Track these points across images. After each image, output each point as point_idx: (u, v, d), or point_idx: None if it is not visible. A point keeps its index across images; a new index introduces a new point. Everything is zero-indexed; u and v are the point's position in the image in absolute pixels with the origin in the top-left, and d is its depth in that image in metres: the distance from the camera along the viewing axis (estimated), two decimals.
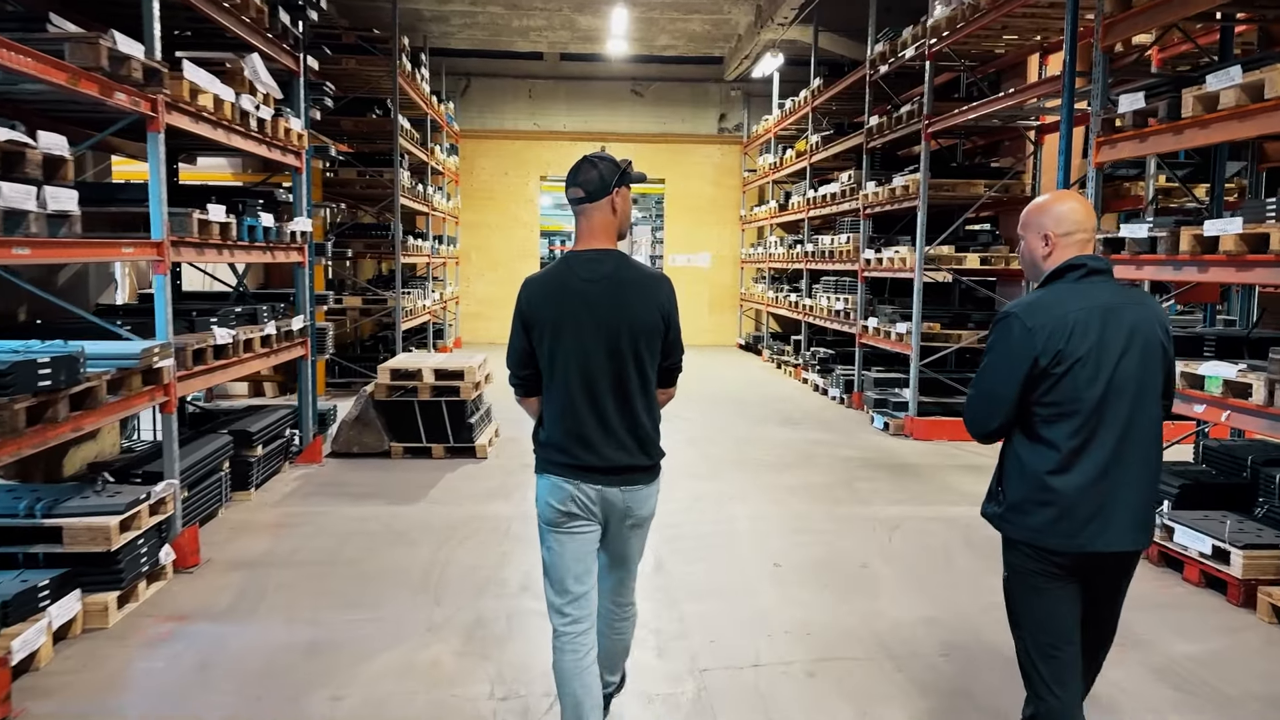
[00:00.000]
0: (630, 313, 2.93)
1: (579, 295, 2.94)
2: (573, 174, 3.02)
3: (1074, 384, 2.56)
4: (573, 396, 2.94)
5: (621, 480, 2.98)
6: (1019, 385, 2.60)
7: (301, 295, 7.92)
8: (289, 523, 6.29)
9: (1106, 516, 2.58)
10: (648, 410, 3.01)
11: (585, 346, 2.93)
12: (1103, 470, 2.58)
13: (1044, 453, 2.60)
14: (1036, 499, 2.61)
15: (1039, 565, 2.65)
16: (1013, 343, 2.61)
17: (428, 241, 14.30)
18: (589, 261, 2.99)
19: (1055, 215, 2.71)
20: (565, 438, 2.97)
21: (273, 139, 6.98)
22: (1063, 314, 2.58)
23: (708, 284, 19.35)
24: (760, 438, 9.48)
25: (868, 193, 10.82)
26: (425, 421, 8.15)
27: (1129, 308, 2.63)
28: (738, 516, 6.54)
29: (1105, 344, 2.57)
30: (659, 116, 18.96)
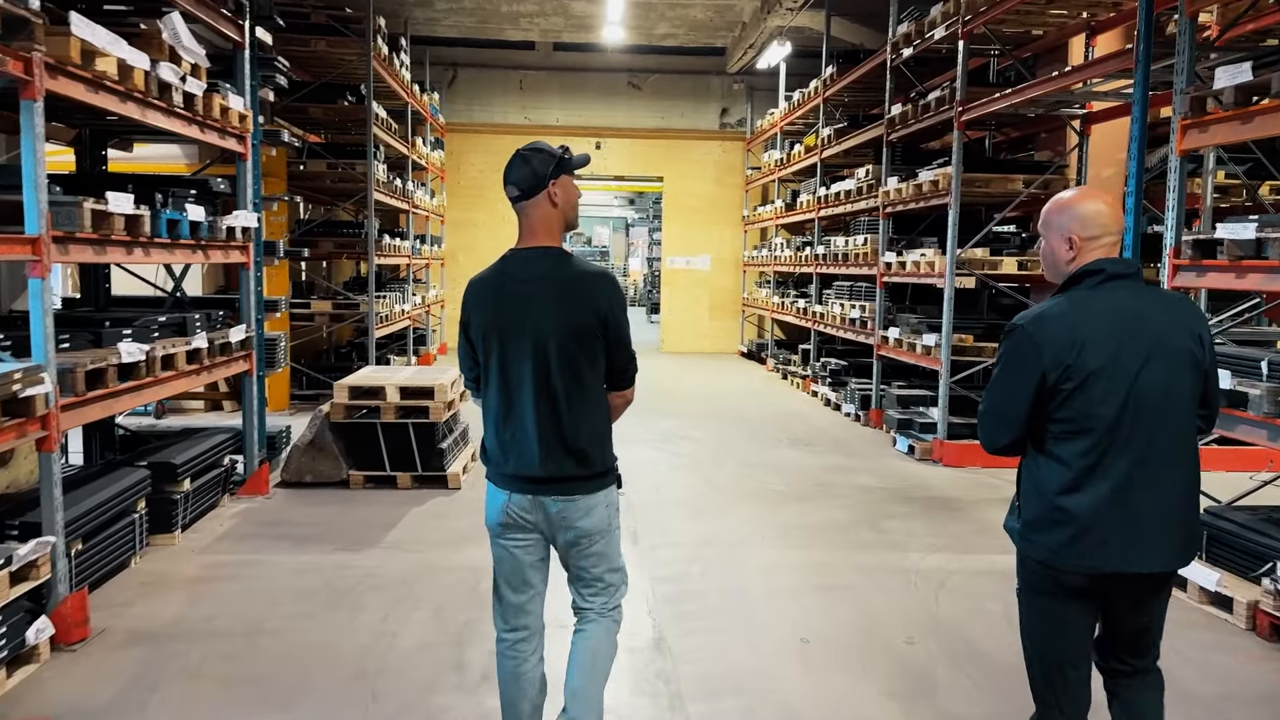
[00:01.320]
0: (564, 314, 2.81)
1: (512, 297, 2.85)
2: (507, 171, 2.89)
3: (1087, 400, 2.44)
4: (506, 402, 2.86)
5: (556, 490, 2.84)
6: (1028, 402, 2.50)
7: (246, 301, 6.87)
8: (213, 576, 5.24)
9: (1128, 536, 2.46)
10: (586, 417, 2.85)
11: (516, 350, 2.83)
12: (1120, 489, 2.45)
13: (1056, 470, 2.50)
14: (1050, 518, 2.50)
15: (1053, 585, 2.56)
16: (1020, 357, 2.51)
17: (408, 241, 13.25)
18: (525, 261, 2.89)
19: (1081, 217, 2.56)
20: (498, 445, 2.90)
21: (206, 119, 5.94)
22: (1073, 325, 2.46)
23: (708, 288, 18.31)
24: (770, 462, 8.44)
25: (889, 189, 9.79)
26: (389, 446, 7.10)
27: (1154, 315, 2.49)
28: (750, 568, 5.50)
29: (1122, 356, 2.44)
30: (657, 110, 17.93)
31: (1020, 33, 8.91)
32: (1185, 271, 5.34)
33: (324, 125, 12.01)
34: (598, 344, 2.87)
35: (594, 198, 36.22)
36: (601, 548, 2.94)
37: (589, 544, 2.91)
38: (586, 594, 3.00)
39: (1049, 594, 2.57)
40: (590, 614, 3.01)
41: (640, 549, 5.82)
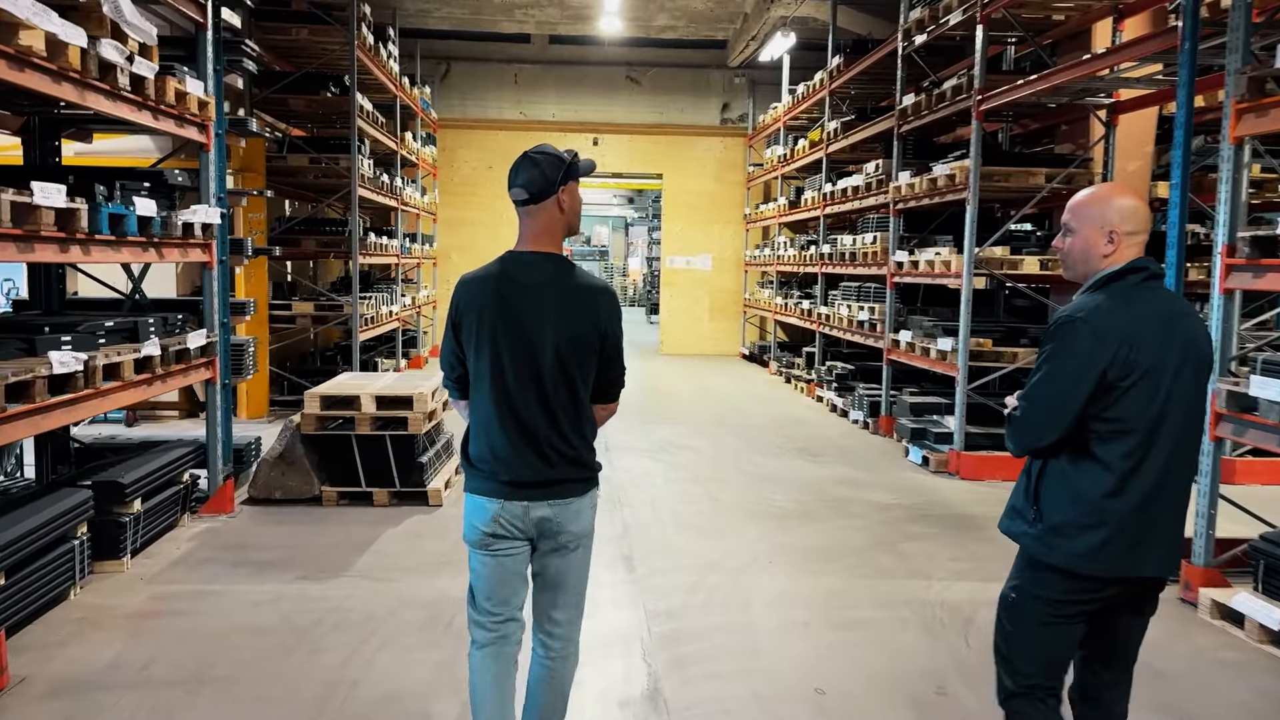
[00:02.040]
0: (564, 324, 2.76)
1: (510, 302, 2.77)
2: (514, 173, 2.80)
3: (1137, 400, 2.39)
4: (497, 408, 2.79)
5: (551, 494, 2.80)
6: (1084, 399, 2.40)
7: (209, 303, 6.34)
8: (159, 610, 4.71)
9: (1153, 540, 2.45)
10: (577, 427, 2.83)
11: (511, 356, 2.76)
12: (1153, 492, 2.43)
13: (1097, 473, 2.43)
14: (1084, 522, 2.44)
15: (1068, 595, 2.50)
16: (1080, 350, 2.40)
17: (396, 239, 12.71)
18: (527, 266, 2.81)
19: (1122, 211, 2.50)
20: (488, 452, 2.81)
21: (159, 104, 5.41)
22: (1131, 322, 2.41)
23: (708, 288, 17.77)
24: (776, 474, 7.90)
25: (900, 185, 9.25)
26: (365, 460, 6.56)
27: (1183, 319, 2.48)
28: (757, 600, 4.96)
29: (1165, 357, 2.42)
30: (656, 106, 17.39)
31: (1040, 18, 8.38)
32: (1239, 272, 4.81)
33: (306, 118, 11.47)
34: (594, 357, 2.83)
35: (593, 196, 35.70)
36: (584, 555, 2.92)
37: (574, 548, 2.87)
38: (557, 618, 2.91)
39: (1061, 604, 2.51)
40: (555, 644, 2.91)
41: (636, 576, 5.28)
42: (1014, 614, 2.61)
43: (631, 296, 34.86)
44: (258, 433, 7.70)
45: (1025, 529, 2.54)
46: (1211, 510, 4.97)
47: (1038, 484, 2.54)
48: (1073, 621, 2.54)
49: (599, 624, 4.55)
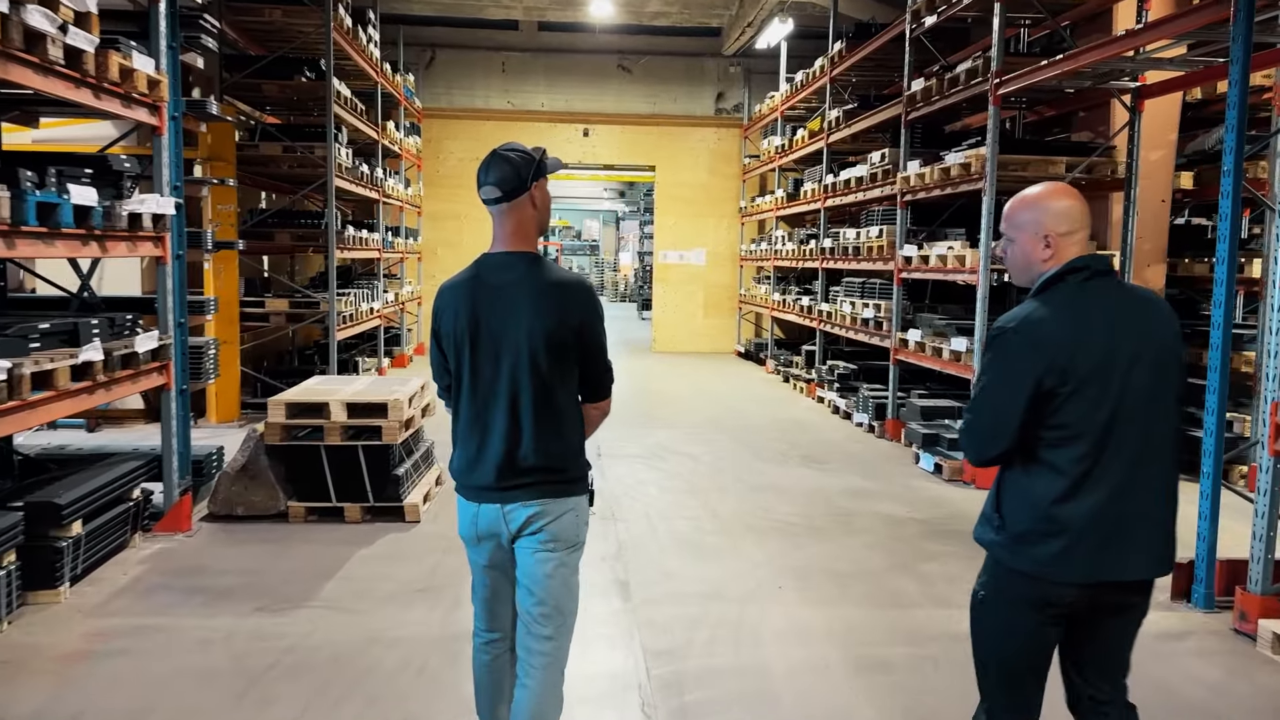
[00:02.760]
0: (539, 322, 2.70)
1: (484, 303, 2.74)
2: (484, 171, 2.75)
3: (1082, 404, 2.31)
4: (473, 412, 2.77)
5: (523, 495, 2.73)
6: (1023, 409, 2.34)
7: (163, 301, 5.79)
8: (95, 650, 4.17)
9: (1122, 543, 2.35)
10: (558, 430, 2.75)
11: (484, 359, 2.73)
12: (1115, 494, 2.34)
13: (1049, 479, 2.36)
14: (1042, 529, 2.36)
15: (1037, 600, 2.41)
16: (1013, 361, 2.37)
17: (378, 233, 12.15)
18: (499, 267, 2.77)
19: (1055, 212, 2.43)
20: (467, 456, 2.79)
21: (100, 80, 4.86)
22: (1066, 326, 2.34)
23: (703, 284, 17.24)
24: (779, 484, 7.40)
25: (909, 175, 8.74)
26: (335, 473, 6.03)
27: (1138, 312, 2.40)
28: (769, 635, 4.45)
29: (1114, 356, 2.33)
30: (649, 95, 16.84)
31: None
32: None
33: (280, 104, 10.91)
34: (573, 354, 2.77)
35: (583, 189, 35.12)
36: (565, 558, 2.79)
37: (551, 552, 2.76)
38: (536, 632, 2.79)
39: (1030, 606, 2.43)
40: (537, 659, 2.78)
41: (632, 606, 4.76)
42: (982, 616, 2.54)
43: (623, 292, 34.33)
44: (228, 437, 7.14)
45: (994, 537, 2.48)
46: (1270, 532, 4.49)
47: (999, 491, 2.50)
48: (1041, 628, 2.45)
49: (590, 665, 4.03)
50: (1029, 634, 2.45)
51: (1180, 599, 4.98)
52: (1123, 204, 7.52)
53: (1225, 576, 4.87)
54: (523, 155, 2.76)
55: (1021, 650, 2.48)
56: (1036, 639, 2.46)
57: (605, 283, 37.22)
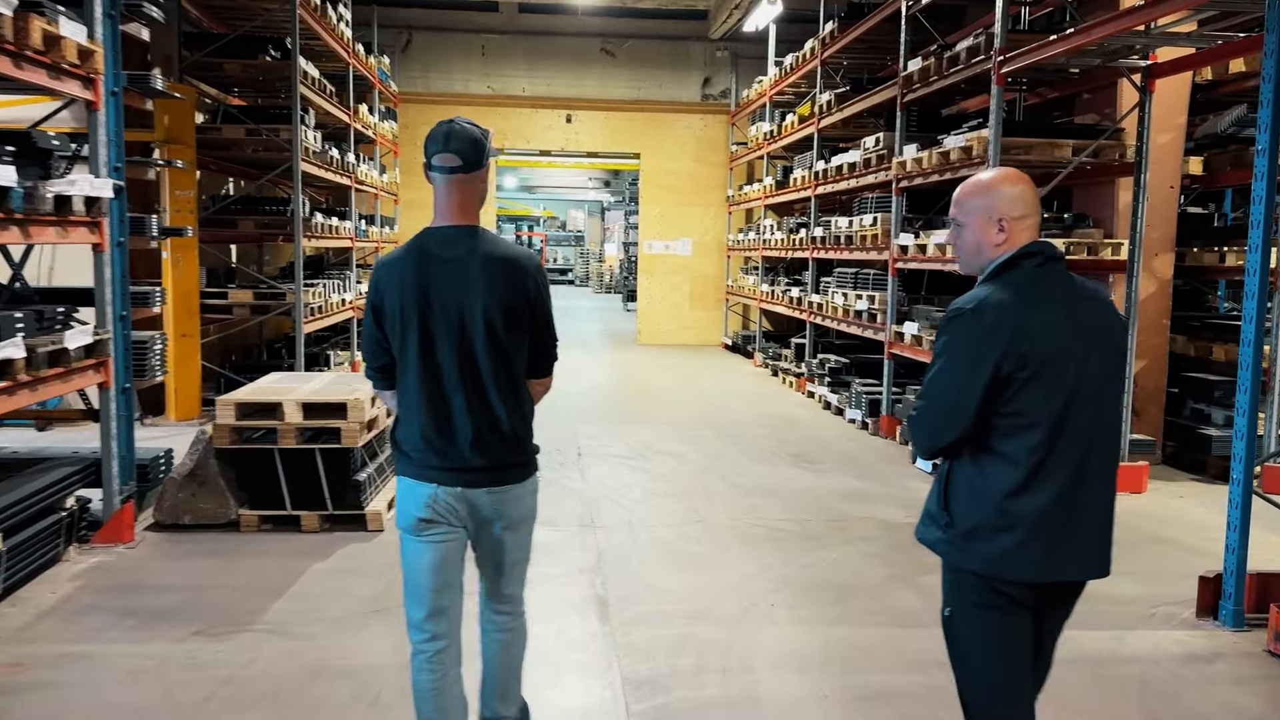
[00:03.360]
0: (489, 296, 2.66)
1: (431, 278, 2.66)
2: (444, 139, 2.68)
3: (1038, 391, 2.25)
4: (426, 390, 2.69)
5: (487, 480, 2.73)
6: (982, 391, 2.25)
7: (100, 293, 5.31)
8: (10, 685, 3.71)
9: (1071, 541, 2.29)
10: (512, 404, 2.74)
11: (437, 334, 2.67)
12: (1066, 489, 2.27)
13: (1002, 470, 2.28)
14: (994, 524, 2.28)
15: (994, 599, 2.32)
16: (971, 344, 2.27)
17: (350, 221, 11.65)
18: (446, 240, 2.70)
19: (1007, 197, 2.38)
20: (420, 436, 2.71)
21: (20, 48, 4.37)
22: (1025, 310, 2.27)
23: (689, 275, 16.80)
24: (769, 485, 6.98)
25: (905, 160, 8.32)
26: (290, 479, 5.57)
27: (1089, 302, 2.36)
28: (760, 660, 4.03)
29: (1069, 344, 2.27)
30: (633, 80, 16.36)
31: None
32: None
33: (244, 85, 10.39)
34: (525, 329, 2.76)
35: (568, 179, 34.70)
36: (523, 536, 2.88)
37: (519, 534, 2.85)
38: (502, 592, 2.92)
39: (992, 609, 2.34)
40: (501, 618, 2.94)
41: (611, 627, 4.33)
42: (954, 634, 2.43)
43: (608, 283, 33.86)
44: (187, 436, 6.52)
45: (940, 535, 2.39)
46: None
47: (946, 487, 2.39)
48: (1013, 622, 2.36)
49: (565, 698, 3.62)
50: (999, 639, 2.36)
51: (1206, 616, 4.59)
52: (1132, 189, 7.12)
53: (1255, 591, 4.48)
54: (480, 130, 2.74)
55: (1002, 652, 2.38)
56: (1008, 642, 2.37)
57: (590, 273, 36.70)
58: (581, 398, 10.86)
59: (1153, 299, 7.76)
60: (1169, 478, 7.50)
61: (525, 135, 16.29)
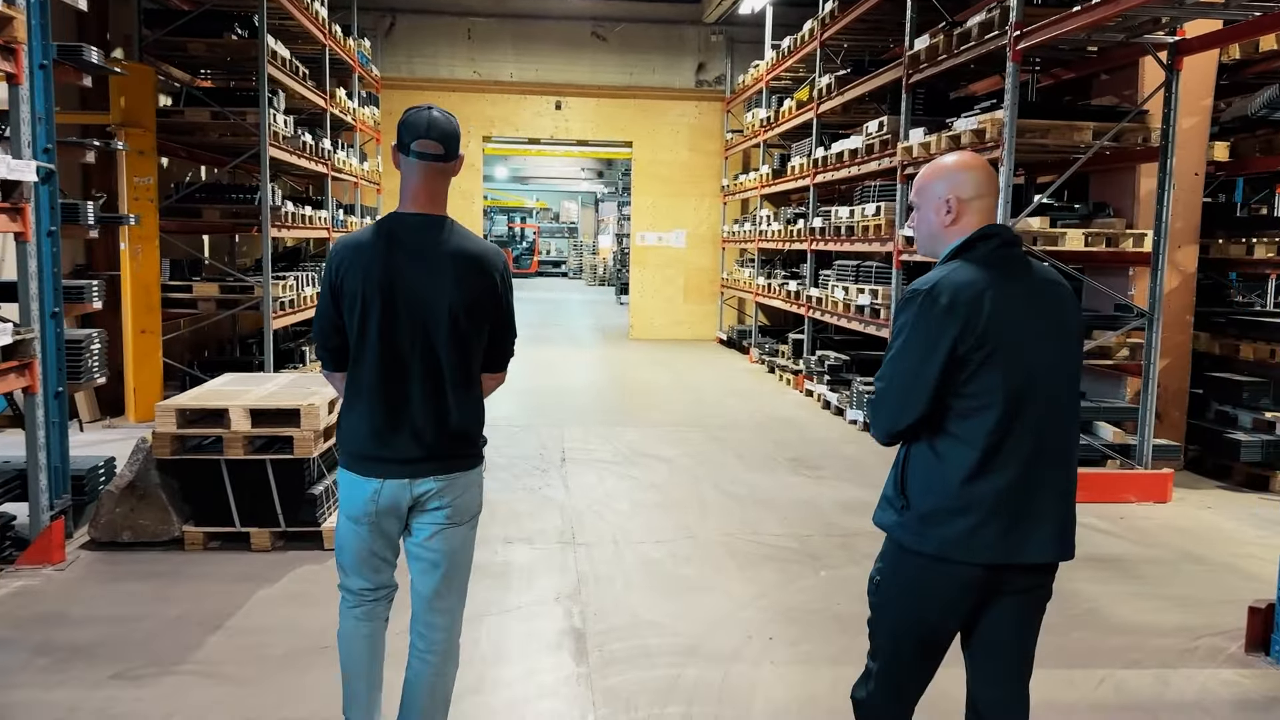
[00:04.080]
0: (456, 290, 2.62)
1: (396, 265, 2.62)
2: (427, 126, 2.65)
3: (995, 372, 2.23)
4: (380, 378, 2.64)
5: (436, 468, 2.67)
6: (939, 372, 2.24)
7: (24, 288, 4.78)
8: None
9: (1029, 523, 2.27)
10: (466, 399, 2.71)
11: (397, 323, 2.62)
12: (1023, 471, 2.26)
13: (959, 453, 2.26)
14: (950, 506, 2.26)
15: (942, 583, 2.30)
16: (929, 324, 2.25)
17: (326, 211, 11.10)
18: (415, 228, 2.67)
19: (958, 177, 2.37)
20: (368, 425, 2.65)
21: None
22: (982, 291, 2.24)
23: (682, 267, 16.27)
24: (767, 495, 6.48)
25: (912, 145, 7.81)
26: (239, 492, 5.04)
27: (1046, 285, 2.36)
28: (758, 711, 3.52)
29: (1026, 326, 2.27)
30: (625, 66, 15.80)
31: None
32: None
33: (212, 66, 9.82)
34: (485, 323, 2.72)
35: (560, 169, 34.11)
36: (466, 532, 2.79)
37: (457, 528, 2.75)
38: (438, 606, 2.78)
39: (931, 592, 2.32)
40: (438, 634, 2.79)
41: (588, 669, 3.82)
42: (882, 599, 2.44)
43: (601, 275, 33.33)
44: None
45: (895, 519, 2.36)
46: None
47: (904, 470, 2.36)
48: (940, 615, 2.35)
49: None
50: (926, 620, 2.36)
51: (1257, 650, 4.10)
52: (1157, 176, 6.62)
53: None
54: (454, 119, 2.73)
55: (917, 636, 2.39)
56: (934, 626, 2.37)
57: (584, 266, 36.14)
58: (569, 397, 10.35)
59: (1176, 294, 7.26)
60: (1192, 485, 7.01)
61: (513, 123, 15.73)
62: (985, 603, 2.34)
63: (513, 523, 5.70)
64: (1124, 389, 7.45)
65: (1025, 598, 2.37)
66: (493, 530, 5.49)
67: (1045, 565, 2.34)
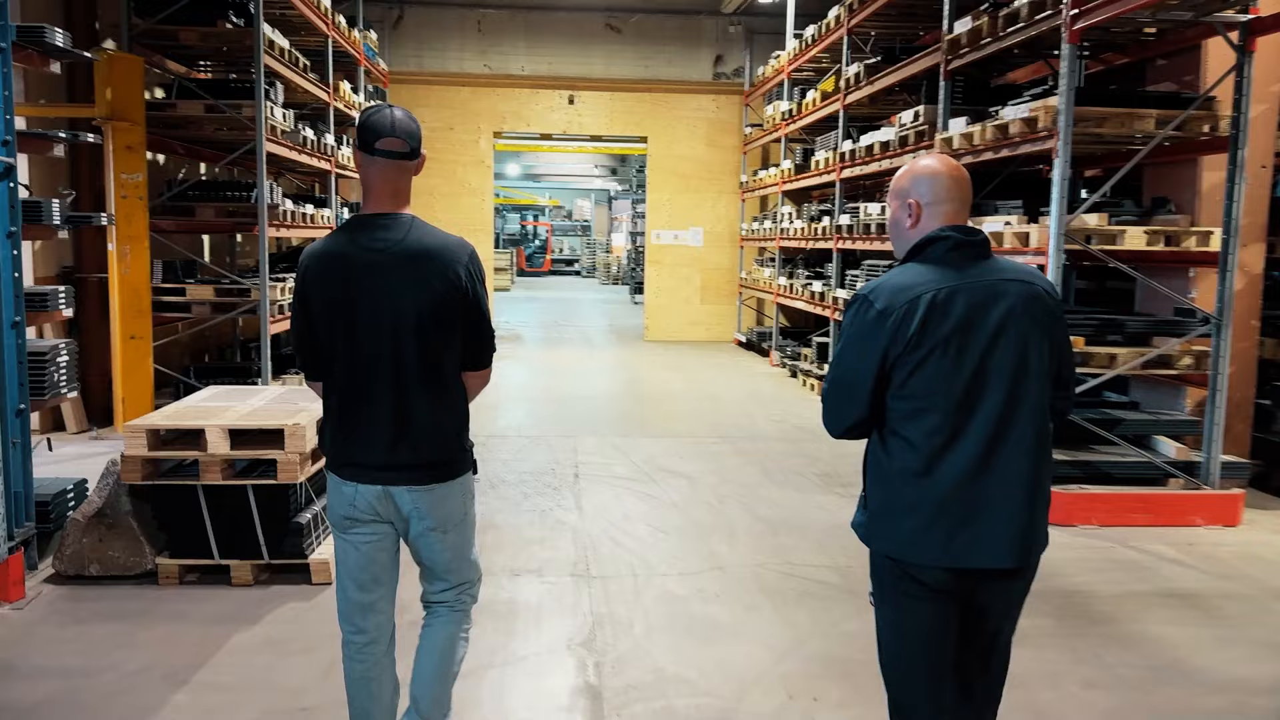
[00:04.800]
0: (420, 287, 2.58)
1: (359, 267, 2.59)
2: (389, 123, 2.60)
3: (934, 374, 2.24)
4: (352, 384, 2.62)
5: (410, 479, 2.63)
6: (872, 376, 2.29)
7: None
8: None
9: (978, 527, 2.24)
10: (443, 401, 2.66)
11: (364, 327, 2.58)
12: (971, 473, 2.24)
13: (903, 452, 2.29)
14: (897, 505, 2.30)
15: (908, 585, 2.30)
16: (863, 327, 2.31)
17: (330, 209, 10.62)
18: (376, 228, 2.63)
19: (922, 182, 2.39)
20: (343, 432, 2.65)
21: None
22: (919, 294, 2.26)
23: (700, 267, 15.73)
24: (800, 519, 5.95)
25: (952, 136, 7.24)
26: (218, 521, 4.55)
27: (1007, 284, 2.31)
28: None
29: (972, 327, 2.25)
30: (641, 58, 15.26)
31: None
32: None
33: (207, 57, 9.34)
34: (458, 319, 2.65)
35: (573, 166, 33.61)
36: (455, 538, 2.76)
37: (442, 534, 2.72)
38: (437, 587, 2.83)
39: (905, 594, 2.32)
40: (440, 609, 2.85)
41: None
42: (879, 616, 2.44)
43: (615, 274, 32.82)
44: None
45: (860, 518, 2.41)
46: None
47: (864, 467, 2.42)
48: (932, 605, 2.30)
49: None
50: (915, 624, 2.33)
51: None
52: (1226, 169, 6.04)
53: None
54: (417, 121, 2.70)
55: (914, 639, 2.35)
56: (926, 622, 2.32)
57: (597, 264, 35.61)
58: (583, 403, 9.84)
59: (1241, 296, 6.67)
60: (1260, 504, 6.44)
61: (525, 117, 15.22)
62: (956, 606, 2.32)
63: (521, 551, 5.18)
64: (1183, 400, 6.88)
65: (995, 602, 2.35)
66: (499, 560, 4.98)
67: (1002, 570, 2.27)
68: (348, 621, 2.76)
